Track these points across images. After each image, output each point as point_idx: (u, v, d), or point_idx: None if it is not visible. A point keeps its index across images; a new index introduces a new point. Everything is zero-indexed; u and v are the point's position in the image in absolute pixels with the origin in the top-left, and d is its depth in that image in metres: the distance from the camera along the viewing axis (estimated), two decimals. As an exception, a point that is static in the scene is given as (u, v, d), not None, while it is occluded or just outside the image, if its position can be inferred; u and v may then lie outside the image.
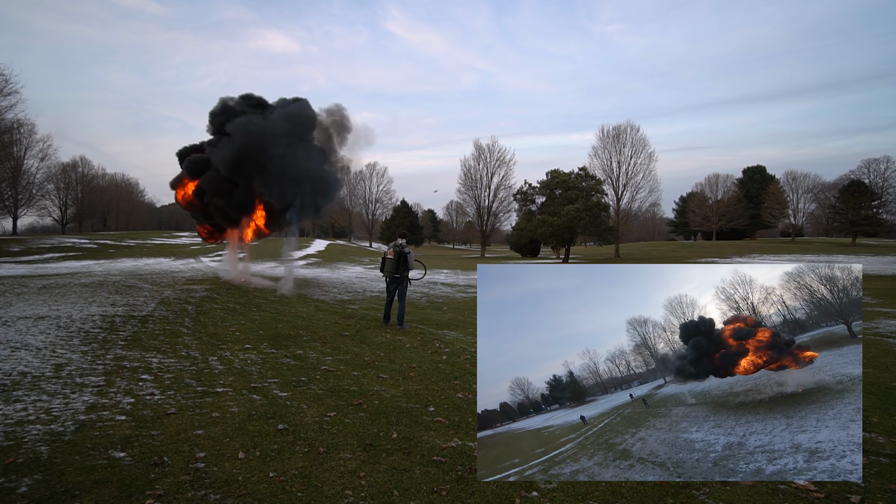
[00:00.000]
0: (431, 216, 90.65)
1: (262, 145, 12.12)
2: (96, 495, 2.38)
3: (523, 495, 2.59)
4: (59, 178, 49.86)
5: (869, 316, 10.27)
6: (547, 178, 40.39)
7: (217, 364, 4.92)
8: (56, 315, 6.78)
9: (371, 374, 4.97)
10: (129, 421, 3.30)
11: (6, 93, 27.89)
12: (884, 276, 22.95)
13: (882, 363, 6.05)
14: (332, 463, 2.88)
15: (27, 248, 26.10)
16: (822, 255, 35.96)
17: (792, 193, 54.44)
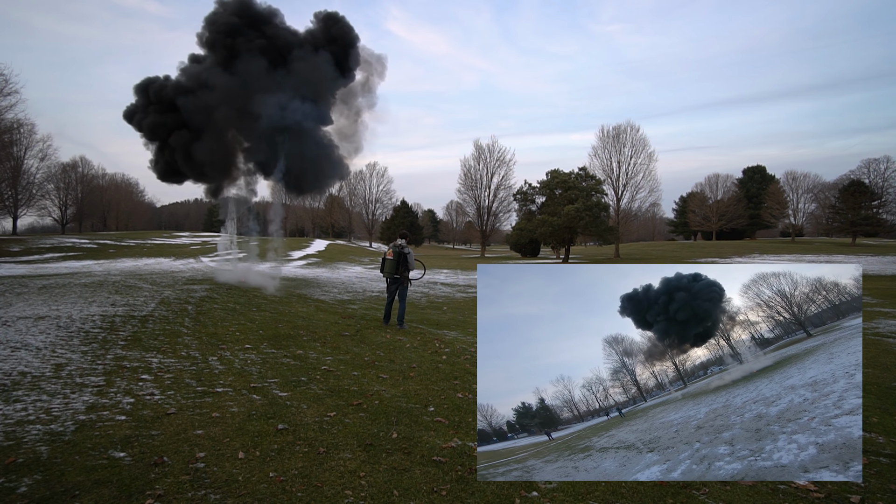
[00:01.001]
0: (431, 216, 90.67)
1: (279, 125, 11.35)
2: (96, 495, 2.38)
3: (523, 495, 2.59)
4: (59, 178, 49.85)
5: (869, 316, 10.27)
6: (547, 178, 40.40)
7: (217, 364, 4.92)
8: (56, 315, 6.78)
9: (371, 374, 4.97)
10: (129, 421, 3.30)
11: (6, 93, 27.93)
12: (884, 276, 22.94)
13: (882, 363, 6.05)
14: (332, 463, 2.88)
15: (27, 248, 26.10)
16: (822, 254, 35.95)
17: (792, 193, 54.48)
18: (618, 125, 43.07)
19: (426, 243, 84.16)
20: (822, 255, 35.37)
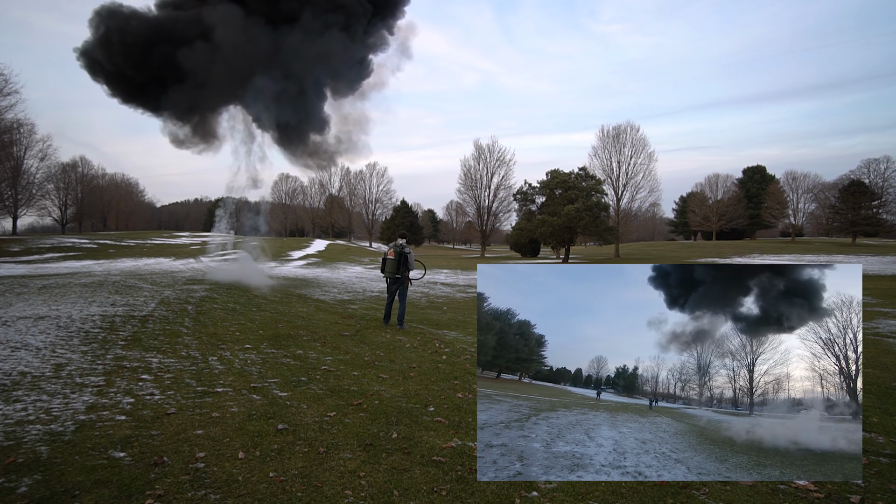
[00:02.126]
0: (431, 216, 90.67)
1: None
2: (96, 495, 2.38)
3: (523, 495, 2.59)
4: (59, 178, 49.87)
5: (869, 316, 10.26)
6: (547, 178, 40.39)
7: (217, 364, 4.92)
8: (56, 315, 6.78)
9: (371, 374, 4.97)
10: (129, 421, 3.30)
11: (6, 93, 27.94)
12: (884, 276, 22.95)
13: (882, 363, 6.05)
14: (332, 463, 2.88)
15: (27, 248, 26.10)
16: (822, 255, 35.95)
17: (792, 193, 54.48)
18: (618, 125, 43.11)
19: (426, 243, 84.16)
20: (822, 255, 35.37)
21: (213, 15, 11.03)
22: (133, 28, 11.58)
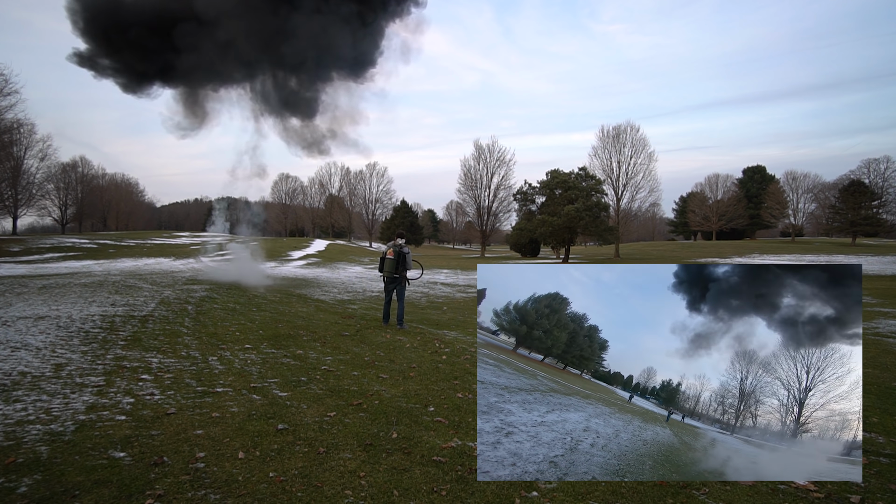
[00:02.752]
0: (431, 216, 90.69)
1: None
2: (96, 495, 2.38)
3: (523, 495, 2.59)
4: (59, 178, 49.88)
5: (869, 316, 10.27)
6: (547, 178, 40.39)
7: (217, 364, 4.92)
8: (56, 315, 6.78)
9: (371, 374, 4.97)
10: (129, 421, 3.30)
11: (6, 93, 27.96)
12: (884, 276, 22.95)
13: (882, 363, 6.05)
14: (332, 463, 2.88)
15: (27, 248, 26.10)
16: (822, 254, 35.96)
17: (792, 193, 54.49)
18: (618, 125, 43.12)
19: (426, 243, 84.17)
20: (822, 255, 35.37)
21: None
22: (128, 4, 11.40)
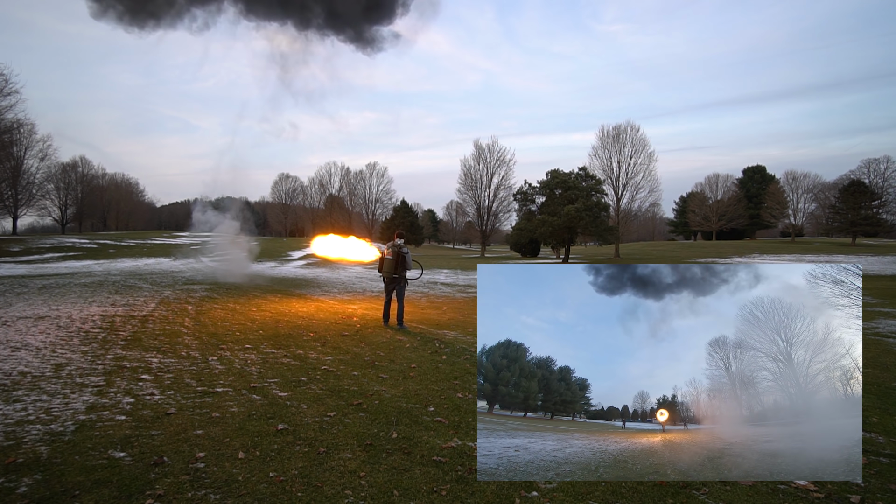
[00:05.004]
0: (431, 216, 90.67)
1: None
2: (96, 495, 2.38)
3: (523, 495, 2.59)
4: (59, 178, 49.91)
5: (869, 316, 10.26)
6: (547, 178, 40.37)
7: (217, 364, 4.92)
8: (56, 315, 6.78)
9: (371, 374, 4.97)
10: (129, 421, 3.30)
11: (6, 93, 28.01)
12: (884, 276, 22.95)
13: (882, 363, 6.04)
14: (332, 463, 2.88)
15: (27, 248, 26.10)
16: (822, 254, 35.96)
17: (792, 193, 54.47)
18: (618, 125, 43.10)
19: (426, 243, 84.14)
20: (822, 255, 35.37)
21: None
22: None
